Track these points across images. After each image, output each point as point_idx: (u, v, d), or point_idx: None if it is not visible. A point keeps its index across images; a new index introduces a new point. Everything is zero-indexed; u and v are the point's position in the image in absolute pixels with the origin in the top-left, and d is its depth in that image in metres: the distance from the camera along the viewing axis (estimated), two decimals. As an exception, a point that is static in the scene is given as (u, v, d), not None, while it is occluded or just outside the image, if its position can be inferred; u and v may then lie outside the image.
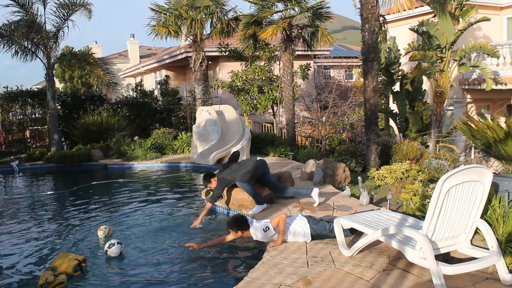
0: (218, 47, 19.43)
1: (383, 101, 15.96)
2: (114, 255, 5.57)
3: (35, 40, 15.14)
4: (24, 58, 15.70)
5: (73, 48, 22.08)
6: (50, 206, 9.24)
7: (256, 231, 5.43)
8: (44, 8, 15.42)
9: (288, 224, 5.37)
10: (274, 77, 18.74)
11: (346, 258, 4.69)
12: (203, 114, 13.78)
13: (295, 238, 5.35)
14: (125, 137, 15.69)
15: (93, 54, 18.04)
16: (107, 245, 5.64)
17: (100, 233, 6.47)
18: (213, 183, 7.18)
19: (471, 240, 4.30)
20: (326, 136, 15.47)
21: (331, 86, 19.22)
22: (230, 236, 5.62)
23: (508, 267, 4.08)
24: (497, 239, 4.18)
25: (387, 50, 15.60)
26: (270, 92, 18.46)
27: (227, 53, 19.34)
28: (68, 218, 7.95)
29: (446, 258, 4.35)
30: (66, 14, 15.77)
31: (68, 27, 15.90)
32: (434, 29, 12.92)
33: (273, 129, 18.69)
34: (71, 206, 8.93)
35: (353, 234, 5.30)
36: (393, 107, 16.23)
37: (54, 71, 16.77)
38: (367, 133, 10.12)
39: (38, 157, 14.85)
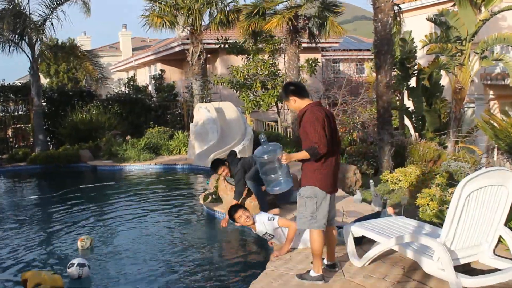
0: (217, 39, 19.42)
1: (397, 98, 15.93)
2: (71, 277, 5.21)
3: (19, 31, 15.16)
4: (7, 51, 15.75)
5: (57, 40, 22.09)
6: (33, 211, 9.26)
7: (260, 217, 5.50)
8: (28, -4, 15.46)
9: (298, 237, 5.37)
10: (278, 71, 18.74)
11: (356, 269, 4.68)
12: (202, 112, 13.79)
13: (307, 245, 5.38)
14: (116, 136, 15.71)
15: (81, 46, 18.06)
16: (69, 263, 5.34)
17: (82, 244, 6.34)
18: (226, 171, 7.19)
19: (494, 250, 4.28)
20: (335, 136, 15.43)
21: (340, 81, 19.18)
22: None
23: (534, 279, 4.06)
24: (522, 248, 4.17)
25: (402, 42, 15.56)
26: (274, 88, 18.44)
27: (226, 46, 19.34)
28: (51, 225, 7.95)
29: (466, 269, 4.33)
30: (54, 3, 15.78)
31: (58, 17, 15.93)
32: (454, 19, 12.86)
33: (277, 128, 18.68)
34: (55, 212, 8.91)
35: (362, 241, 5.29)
36: (409, 104, 16.19)
37: (39, 65, 16.80)
38: (379, 133, 10.10)
39: (21, 158, 14.88)
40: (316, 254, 4.34)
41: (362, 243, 5.17)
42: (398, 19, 11.71)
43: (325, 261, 4.63)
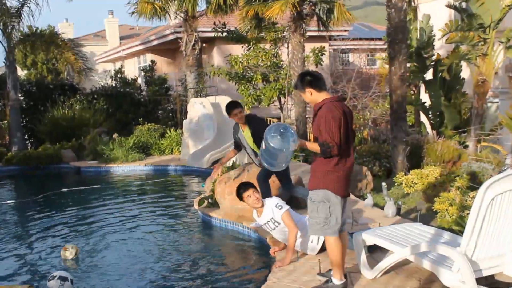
0: (214, 27, 19.40)
1: (412, 92, 15.92)
2: None
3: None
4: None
5: (37, 28, 22.09)
6: (9, 217, 9.25)
7: (270, 202, 5.53)
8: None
9: (306, 238, 5.39)
10: (281, 63, 18.72)
11: (368, 281, 4.67)
12: (196, 107, 13.78)
13: (314, 253, 5.45)
14: (102, 134, 15.70)
15: (63, 34, 18.06)
16: (50, 275, 5.25)
17: (67, 254, 6.31)
18: (242, 114, 6.86)
19: (520, 260, 4.27)
20: (344, 134, 15.45)
21: (349, 73, 19.20)
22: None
23: None
24: (552, 259, 4.15)
25: (419, 31, 15.54)
26: (276, 81, 18.43)
27: (224, 34, 19.33)
28: (29, 233, 7.93)
29: (489, 281, 4.32)
30: None
31: (36, 3, 15.91)
32: (476, 5, 12.83)
33: (280, 125, 18.64)
34: (34, 218, 8.90)
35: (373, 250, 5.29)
36: (425, 99, 16.18)
37: (15, 55, 16.79)
38: (393, 131, 10.09)
39: (-4, 159, 14.88)
40: (337, 264, 4.42)
41: (373, 251, 5.17)
42: (414, 4, 11.69)
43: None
